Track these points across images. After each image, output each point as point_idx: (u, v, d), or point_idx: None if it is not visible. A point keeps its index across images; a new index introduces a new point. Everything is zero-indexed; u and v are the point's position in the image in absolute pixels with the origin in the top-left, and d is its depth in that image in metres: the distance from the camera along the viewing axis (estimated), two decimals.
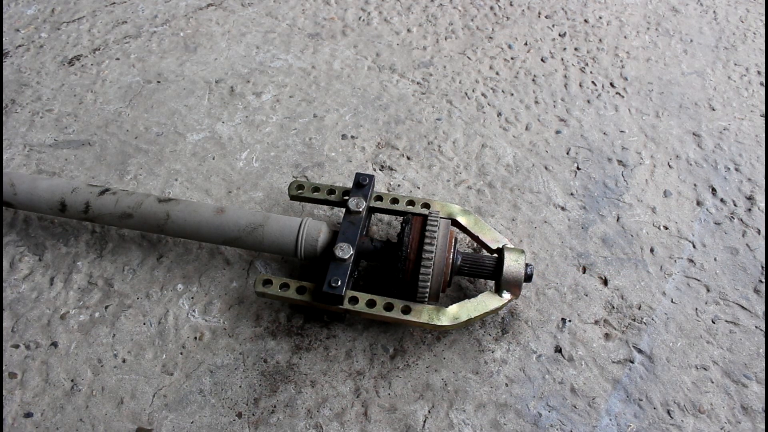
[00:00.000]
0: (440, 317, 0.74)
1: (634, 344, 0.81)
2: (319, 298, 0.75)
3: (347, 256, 0.75)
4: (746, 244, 0.93)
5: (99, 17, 1.34)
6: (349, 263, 0.75)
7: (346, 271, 0.75)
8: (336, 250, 0.76)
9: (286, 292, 0.77)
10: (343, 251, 0.76)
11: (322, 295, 0.74)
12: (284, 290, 0.77)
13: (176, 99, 1.15)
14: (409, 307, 0.75)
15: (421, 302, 0.75)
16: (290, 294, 0.77)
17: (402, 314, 0.74)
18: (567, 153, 1.06)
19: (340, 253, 0.75)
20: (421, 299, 0.75)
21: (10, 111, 1.12)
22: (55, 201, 0.85)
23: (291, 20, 1.34)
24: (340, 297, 0.74)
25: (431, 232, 0.75)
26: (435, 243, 0.74)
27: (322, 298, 0.75)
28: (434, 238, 0.74)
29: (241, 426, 0.73)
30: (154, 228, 0.84)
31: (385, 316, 0.75)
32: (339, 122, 1.11)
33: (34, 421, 0.73)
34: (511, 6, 1.39)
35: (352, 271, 0.77)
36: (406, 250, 0.75)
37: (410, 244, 0.75)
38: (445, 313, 0.75)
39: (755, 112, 1.15)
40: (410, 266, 0.75)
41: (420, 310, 0.75)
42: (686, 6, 1.41)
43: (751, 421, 0.75)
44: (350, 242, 0.77)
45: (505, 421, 0.74)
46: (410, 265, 0.75)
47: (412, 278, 0.75)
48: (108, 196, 0.85)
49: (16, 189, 0.86)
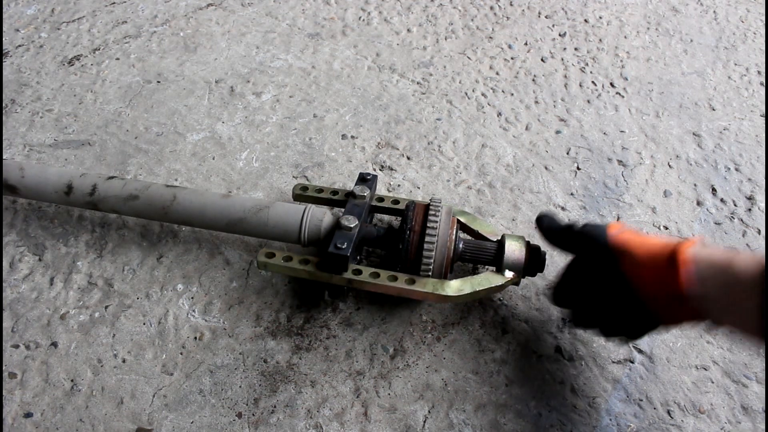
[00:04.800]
0: (445, 288, 0.74)
1: (634, 344, 0.81)
2: (324, 264, 0.75)
3: (353, 225, 0.76)
4: (746, 244, 0.93)
5: (99, 17, 1.34)
6: (355, 233, 0.76)
7: (351, 239, 0.75)
8: (342, 220, 0.76)
9: (288, 263, 0.77)
10: (349, 221, 0.76)
11: (327, 257, 0.74)
12: (287, 262, 0.77)
13: (176, 99, 1.15)
14: (414, 279, 0.75)
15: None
16: (293, 264, 0.77)
17: (406, 284, 0.74)
18: (567, 153, 1.06)
19: (346, 222, 0.76)
20: (425, 275, 0.76)
21: (10, 111, 1.12)
22: (63, 183, 0.86)
23: (291, 20, 1.34)
24: (346, 258, 0.74)
25: (434, 213, 0.76)
26: (438, 221, 0.75)
27: (326, 263, 0.75)
28: (438, 216, 0.76)
29: (241, 426, 0.73)
30: (159, 211, 0.84)
31: (389, 286, 0.75)
32: (339, 122, 1.11)
33: (34, 421, 0.73)
34: (511, 6, 1.39)
35: (356, 245, 0.77)
36: (410, 225, 0.76)
37: (414, 220, 0.77)
38: (449, 285, 0.75)
39: (755, 112, 1.15)
40: (414, 241, 0.75)
41: (424, 281, 0.75)
42: (686, 6, 1.41)
43: (752, 421, 0.75)
44: (356, 216, 0.78)
45: (505, 421, 0.74)
46: (415, 240, 0.75)
47: (416, 255, 0.75)
48: (116, 180, 0.86)
49: (24, 173, 0.87)
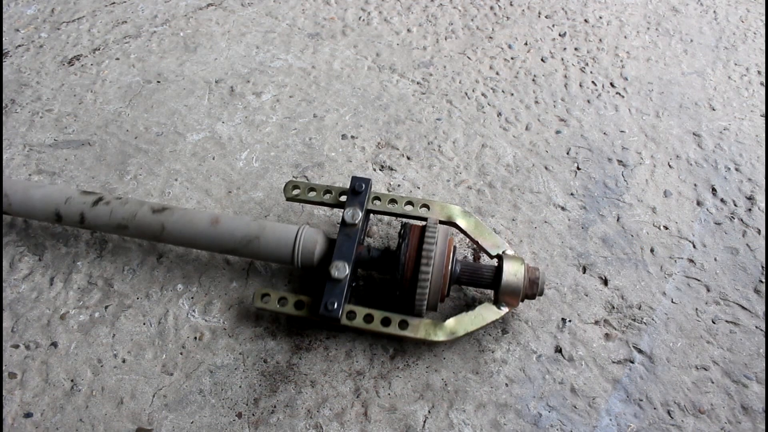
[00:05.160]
0: (437, 332, 0.75)
1: (634, 344, 0.81)
2: (316, 315, 0.76)
3: (343, 276, 0.75)
4: (746, 244, 0.93)
5: (99, 17, 1.34)
6: (345, 282, 0.75)
7: (342, 291, 0.75)
8: (332, 270, 0.75)
9: (284, 308, 0.78)
10: (339, 271, 0.75)
11: (319, 316, 0.75)
12: (282, 305, 0.78)
13: (176, 99, 1.15)
14: (407, 322, 0.76)
15: (418, 316, 0.76)
16: (288, 310, 0.78)
17: (399, 329, 0.75)
18: (567, 153, 1.06)
19: (336, 273, 0.75)
20: (418, 313, 0.76)
21: (10, 111, 1.12)
22: (50, 212, 0.84)
23: (291, 20, 1.34)
24: (337, 319, 0.75)
25: (429, 246, 0.74)
26: (432, 259, 0.74)
27: (318, 318, 0.76)
28: (431, 256, 0.74)
29: (241, 426, 0.73)
30: (152, 238, 0.84)
31: (382, 331, 0.76)
32: (339, 122, 1.11)
33: (34, 421, 0.73)
34: (511, 6, 1.39)
35: (349, 286, 0.77)
36: (402, 268, 0.75)
37: (407, 262, 0.75)
38: (443, 327, 0.75)
39: (755, 112, 1.15)
40: (408, 277, 0.75)
41: (417, 325, 0.75)
42: (686, 6, 1.41)
43: (752, 421, 0.75)
44: (346, 259, 0.76)
45: (505, 421, 0.74)
46: (408, 276, 0.75)
47: (410, 293, 0.75)
48: (101, 206, 0.83)
49: (10, 199, 0.85)
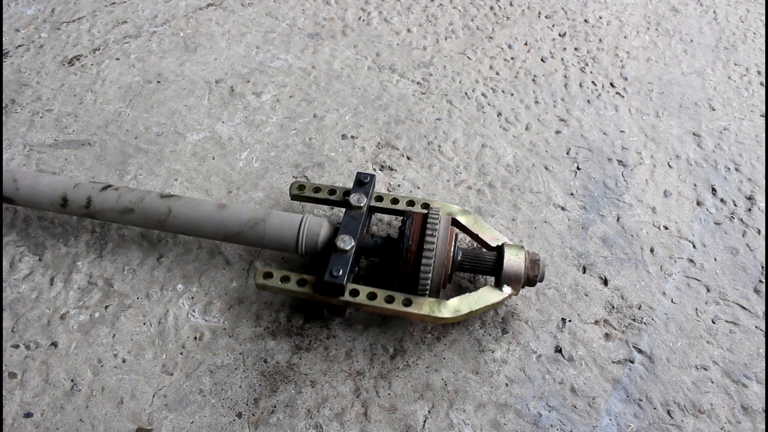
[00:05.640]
0: (441, 309, 0.74)
1: (634, 344, 0.81)
2: (321, 288, 0.75)
3: (349, 247, 0.76)
4: (746, 244, 0.93)
5: (99, 17, 1.34)
6: (351, 254, 0.76)
7: (347, 262, 0.75)
8: (338, 242, 0.76)
9: (286, 285, 0.77)
10: (345, 242, 0.76)
11: (324, 284, 0.74)
12: (285, 283, 0.77)
13: (176, 99, 1.15)
14: (410, 300, 0.75)
15: (422, 295, 0.76)
16: (291, 286, 0.77)
17: (403, 306, 0.74)
18: (567, 153, 1.06)
19: (342, 244, 0.76)
20: (422, 292, 0.75)
21: (10, 111, 1.12)
22: (57, 196, 0.85)
23: (291, 20, 1.34)
24: (342, 287, 0.74)
25: (432, 225, 0.75)
26: (436, 236, 0.75)
27: (323, 289, 0.75)
28: (435, 230, 0.75)
29: (241, 426, 0.73)
30: (155, 223, 0.84)
31: (386, 308, 0.75)
32: (339, 122, 1.11)
33: (34, 421, 0.73)
34: (511, 6, 1.39)
35: (353, 264, 0.77)
36: (407, 242, 0.75)
37: (412, 237, 0.76)
38: (446, 305, 0.75)
39: (755, 112, 1.15)
40: (411, 258, 0.75)
41: (421, 302, 0.75)
42: (686, 6, 1.41)
43: (752, 421, 0.75)
44: (352, 235, 0.77)
45: (505, 421, 0.74)
46: (411, 258, 0.75)
47: (414, 271, 0.75)
48: (110, 191, 0.85)
49: (18, 184, 0.86)
